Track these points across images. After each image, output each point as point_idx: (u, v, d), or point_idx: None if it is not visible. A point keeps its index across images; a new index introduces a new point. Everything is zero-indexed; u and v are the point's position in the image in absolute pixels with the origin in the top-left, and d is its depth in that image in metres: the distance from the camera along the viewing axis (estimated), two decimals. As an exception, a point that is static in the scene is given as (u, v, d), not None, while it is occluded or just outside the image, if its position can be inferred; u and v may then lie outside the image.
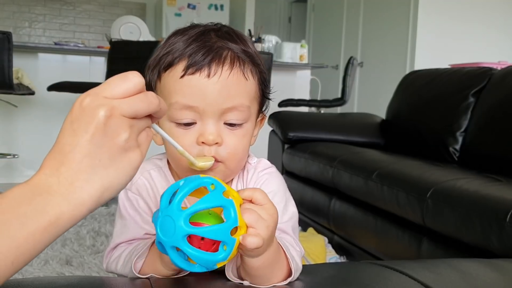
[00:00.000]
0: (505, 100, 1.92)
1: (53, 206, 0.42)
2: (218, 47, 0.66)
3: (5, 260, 0.40)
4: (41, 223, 0.41)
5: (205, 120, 0.66)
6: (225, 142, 0.67)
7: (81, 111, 0.44)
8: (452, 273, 0.69)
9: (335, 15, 5.38)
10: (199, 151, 0.65)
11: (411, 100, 2.45)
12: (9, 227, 0.40)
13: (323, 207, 2.10)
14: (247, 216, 0.52)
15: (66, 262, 1.83)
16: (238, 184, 0.75)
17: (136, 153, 0.47)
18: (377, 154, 2.06)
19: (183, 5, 5.75)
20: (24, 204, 0.41)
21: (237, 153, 0.68)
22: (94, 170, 0.44)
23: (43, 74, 3.39)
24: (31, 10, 6.14)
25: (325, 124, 2.58)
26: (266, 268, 0.57)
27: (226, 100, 0.65)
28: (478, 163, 1.90)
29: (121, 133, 0.45)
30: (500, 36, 4.29)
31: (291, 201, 0.74)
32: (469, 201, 1.29)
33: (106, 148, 0.44)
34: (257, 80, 0.71)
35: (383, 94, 3.55)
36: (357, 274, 0.68)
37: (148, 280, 0.59)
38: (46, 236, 0.42)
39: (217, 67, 0.65)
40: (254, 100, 0.71)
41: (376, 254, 1.76)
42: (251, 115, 0.70)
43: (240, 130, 0.69)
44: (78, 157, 0.43)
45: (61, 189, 0.43)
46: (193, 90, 0.65)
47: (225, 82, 0.65)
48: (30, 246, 0.41)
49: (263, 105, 0.74)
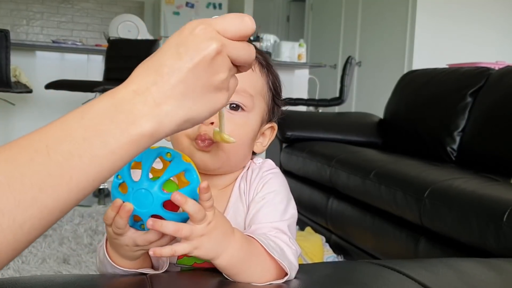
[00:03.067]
0: (502, 100, 1.93)
1: (135, 127, 0.41)
2: None
3: (86, 177, 0.40)
4: (122, 142, 0.41)
5: None
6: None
7: (192, 37, 0.43)
8: (449, 272, 0.70)
9: (333, 14, 5.38)
10: (196, 129, 0.67)
11: (409, 99, 2.45)
12: (91, 144, 0.40)
13: (320, 206, 2.11)
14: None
15: (63, 261, 1.83)
16: (241, 183, 0.75)
17: (224, 95, 0.47)
18: (374, 154, 2.06)
19: (181, 4, 5.74)
20: (106, 122, 0.41)
21: (236, 138, 0.68)
22: (185, 99, 0.43)
23: (41, 72, 3.39)
24: (29, 8, 6.12)
25: (323, 124, 2.58)
26: (237, 267, 0.58)
27: None
28: (476, 163, 1.91)
29: (221, 72, 0.44)
30: (498, 36, 4.30)
31: (292, 203, 0.74)
32: (467, 201, 1.30)
33: (203, 82, 0.44)
34: (266, 80, 0.73)
35: (381, 93, 3.55)
36: (355, 273, 0.68)
37: (145, 277, 0.59)
38: (125, 155, 0.42)
39: None
40: (259, 95, 0.72)
41: (374, 253, 1.76)
42: (254, 108, 0.71)
43: (240, 117, 0.69)
44: (174, 81, 0.42)
45: (145, 109, 0.42)
46: None
47: None
48: (110, 163, 0.41)
49: (274, 113, 0.76)
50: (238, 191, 0.74)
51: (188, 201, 0.52)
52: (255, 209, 0.70)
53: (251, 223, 0.69)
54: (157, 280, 0.58)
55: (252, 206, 0.71)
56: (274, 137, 0.79)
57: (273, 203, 0.71)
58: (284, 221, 0.69)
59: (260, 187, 0.73)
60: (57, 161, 0.39)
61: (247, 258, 0.58)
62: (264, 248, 0.60)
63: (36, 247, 1.95)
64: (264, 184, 0.73)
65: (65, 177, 0.39)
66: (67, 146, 0.39)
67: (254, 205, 0.71)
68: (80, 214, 2.43)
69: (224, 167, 0.73)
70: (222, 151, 0.69)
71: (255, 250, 0.60)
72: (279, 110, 0.78)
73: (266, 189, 0.72)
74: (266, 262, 0.61)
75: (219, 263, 0.57)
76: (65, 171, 0.39)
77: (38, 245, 1.96)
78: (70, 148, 0.39)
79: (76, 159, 0.39)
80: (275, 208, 0.70)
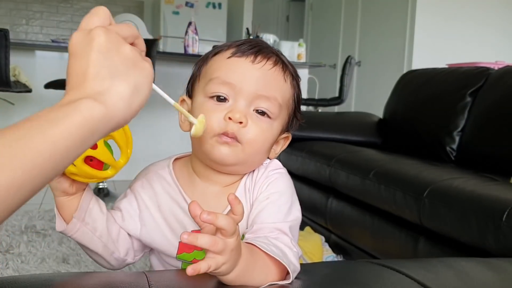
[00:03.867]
0: (502, 100, 1.93)
1: (85, 106, 0.44)
2: (265, 47, 0.73)
3: (41, 154, 0.40)
4: (75, 119, 0.43)
5: (237, 100, 0.69)
6: (250, 126, 0.69)
7: (80, 39, 0.48)
8: (449, 272, 0.70)
9: (333, 14, 5.38)
10: (224, 126, 0.68)
11: (408, 99, 2.45)
12: (42, 127, 0.41)
13: (320, 206, 2.11)
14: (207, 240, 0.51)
15: (62, 260, 1.83)
16: (247, 181, 0.75)
17: (146, 63, 0.51)
18: (374, 153, 2.06)
19: (181, 3, 5.73)
20: (54, 111, 0.43)
21: (256, 143, 0.70)
22: (114, 76, 0.47)
23: (40, 71, 3.38)
24: (28, 7, 6.11)
25: (323, 123, 2.58)
26: (241, 280, 0.57)
27: (263, 87, 0.70)
28: (475, 163, 1.91)
29: (121, 45, 0.49)
30: (498, 36, 4.30)
31: (297, 205, 0.74)
32: (466, 201, 1.30)
33: (116, 58, 0.48)
34: (293, 92, 0.76)
35: (380, 93, 3.55)
36: (354, 273, 0.68)
37: (144, 274, 0.59)
38: (82, 133, 0.43)
39: (263, 59, 0.71)
40: (285, 106, 0.74)
41: (373, 253, 1.76)
42: (279, 116, 0.73)
43: (266, 122, 0.71)
44: (94, 70, 0.47)
45: (90, 96, 0.45)
46: (236, 69, 0.70)
47: (266, 73, 0.71)
48: (68, 142, 0.42)
49: (292, 124, 0.78)
50: (244, 188, 0.75)
51: (219, 216, 0.51)
52: (258, 208, 0.70)
53: (253, 222, 0.69)
54: (155, 279, 0.57)
55: (256, 205, 0.71)
56: (286, 146, 0.81)
57: (277, 203, 0.71)
58: (287, 222, 0.69)
59: (265, 186, 0.73)
60: (10, 141, 0.40)
61: (251, 269, 0.58)
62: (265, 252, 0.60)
63: (36, 246, 1.95)
64: (270, 184, 0.73)
65: (18, 155, 0.39)
66: (20, 131, 0.41)
67: (258, 204, 0.71)
68: (80, 214, 2.43)
69: (239, 167, 0.73)
70: (243, 151, 0.70)
71: (258, 260, 0.59)
72: (296, 123, 0.80)
73: (271, 188, 0.73)
74: (268, 266, 0.60)
75: (228, 277, 0.55)
76: (18, 150, 0.40)
77: (37, 245, 1.96)
78: (23, 132, 0.41)
79: (28, 140, 0.40)
80: (279, 209, 0.70)
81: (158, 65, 3.07)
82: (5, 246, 1.93)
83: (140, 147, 3.78)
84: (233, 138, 0.69)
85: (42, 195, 2.98)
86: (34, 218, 2.34)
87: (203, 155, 0.73)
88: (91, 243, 0.72)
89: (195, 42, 3.61)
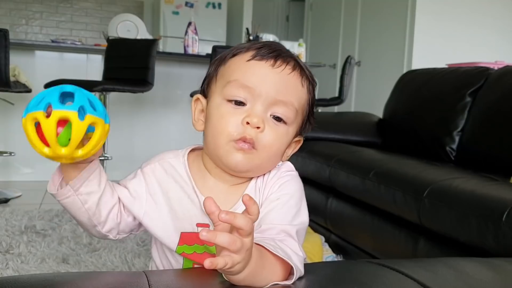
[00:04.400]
0: (501, 100, 1.93)
1: None
2: (284, 52, 0.73)
3: None
4: None
5: (255, 104, 0.69)
6: (266, 132, 0.69)
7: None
8: (449, 272, 0.70)
9: (332, 14, 5.38)
10: (242, 131, 0.68)
11: (408, 99, 2.45)
12: None
13: (320, 206, 2.11)
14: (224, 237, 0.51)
15: (62, 260, 1.83)
16: (258, 181, 0.75)
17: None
18: (374, 153, 2.06)
19: (181, 3, 5.73)
20: None
21: (271, 148, 0.70)
22: None
23: (40, 71, 3.38)
24: (28, 7, 6.11)
25: (322, 123, 2.58)
26: (252, 277, 0.57)
27: (281, 92, 0.70)
28: (475, 163, 1.91)
29: None
30: (497, 36, 4.30)
31: (305, 210, 0.74)
32: (466, 201, 1.30)
33: None
34: (308, 97, 0.75)
35: (380, 93, 3.55)
36: (354, 273, 0.68)
37: (144, 274, 0.59)
38: None
39: (282, 63, 0.71)
40: (300, 111, 0.74)
41: (373, 253, 1.76)
42: (295, 121, 0.73)
43: (282, 128, 0.71)
44: None
45: None
46: (255, 73, 0.70)
47: (286, 77, 0.70)
48: None
49: (305, 127, 0.78)
50: (254, 188, 0.75)
51: (237, 216, 0.51)
52: (268, 208, 0.70)
53: (261, 221, 0.69)
54: (155, 279, 0.57)
55: (266, 204, 0.71)
56: (298, 149, 0.81)
57: (286, 205, 0.71)
58: (294, 226, 0.69)
59: (276, 187, 0.73)
60: None
61: (259, 270, 0.58)
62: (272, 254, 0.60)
63: (36, 246, 1.95)
64: (281, 185, 0.73)
65: None
66: None
67: (268, 203, 0.71)
68: (79, 214, 2.43)
69: (252, 172, 0.74)
70: (258, 157, 0.70)
71: (266, 261, 0.59)
72: (309, 127, 0.80)
73: (282, 190, 0.73)
74: (274, 268, 0.60)
75: (237, 277, 0.55)
76: None
77: (37, 245, 1.96)
78: None
79: None
80: (288, 211, 0.70)
81: (158, 65, 3.07)
82: (5, 246, 1.93)
83: (140, 147, 3.78)
84: (250, 144, 0.68)
85: (42, 195, 2.98)
86: (34, 218, 2.34)
87: (216, 158, 0.73)
88: (77, 212, 0.71)
89: (195, 42, 3.61)
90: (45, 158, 0.59)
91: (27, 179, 3.40)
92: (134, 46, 3.18)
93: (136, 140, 3.69)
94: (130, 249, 1.96)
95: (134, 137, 3.69)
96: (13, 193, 2.97)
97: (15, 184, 3.28)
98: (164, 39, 5.28)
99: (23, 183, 3.29)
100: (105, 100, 3.00)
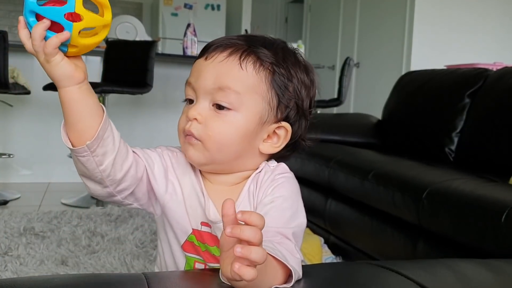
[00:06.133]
0: (500, 100, 1.93)
1: None
2: (236, 44, 0.73)
3: None
4: None
5: (198, 99, 0.73)
6: (208, 123, 0.71)
7: None
8: (448, 273, 0.70)
9: (331, 15, 5.38)
10: (187, 126, 0.72)
11: (407, 100, 2.45)
12: None
13: (319, 207, 2.10)
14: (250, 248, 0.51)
15: (61, 262, 1.82)
16: (252, 184, 0.75)
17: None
18: (373, 155, 2.06)
19: (180, 5, 5.74)
20: None
21: (218, 137, 0.71)
22: None
23: (39, 73, 3.37)
24: (27, 9, 6.11)
25: (321, 125, 2.58)
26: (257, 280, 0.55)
27: (214, 80, 0.71)
28: (474, 164, 1.91)
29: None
30: (496, 37, 4.30)
31: (302, 211, 0.73)
32: (465, 202, 1.30)
33: None
34: (264, 78, 0.72)
35: (379, 94, 3.55)
36: (353, 274, 0.68)
37: (143, 276, 0.59)
38: None
39: (215, 53, 0.72)
40: (252, 93, 0.71)
41: (372, 254, 1.76)
42: (243, 105, 0.71)
43: (227, 115, 0.71)
44: None
45: None
46: (194, 70, 0.74)
47: (218, 65, 0.71)
48: None
49: (285, 112, 0.74)
50: (248, 192, 0.74)
51: (243, 228, 0.51)
52: (262, 212, 0.69)
53: None
54: (154, 280, 0.57)
55: (260, 208, 0.71)
56: (289, 138, 0.77)
57: (280, 208, 0.70)
58: (290, 228, 0.68)
59: (269, 190, 0.72)
60: None
61: (263, 273, 0.57)
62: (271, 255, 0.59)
63: (34, 248, 1.94)
64: (275, 187, 0.73)
65: None
66: None
67: (262, 207, 0.71)
68: (79, 216, 2.43)
69: (213, 165, 0.74)
70: (206, 150, 0.72)
71: (268, 264, 0.58)
72: (301, 115, 0.76)
73: (276, 192, 0.72)
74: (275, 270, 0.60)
75: (241, 282, 0.54)
76: None
77: (36, 247, 1.96)
78: None
79: None
80: (282, 213, 0.69)
81: (157, 67, 3.07)
82: (3, 248, 1.92)
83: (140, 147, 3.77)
84: (190, 136, 0.71)
85: (41, 197, 2.98)
86: (33, 220, 2.34)
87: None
88: (91, 172, 0.68)
89: (194, 44, 3.61)
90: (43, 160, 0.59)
91: (26, 181, 3.40)
92: (133, 47, 3.18)
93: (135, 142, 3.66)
94: (129, 251, 1.96)
95: (133, 139, 3.68)
96: (12, 195, 2.97)
97: (14, 186, 3.28)
98: (163, 40, 5.28)
99: (21, 185, 3.29)
100: (104, 101, 3.00)
